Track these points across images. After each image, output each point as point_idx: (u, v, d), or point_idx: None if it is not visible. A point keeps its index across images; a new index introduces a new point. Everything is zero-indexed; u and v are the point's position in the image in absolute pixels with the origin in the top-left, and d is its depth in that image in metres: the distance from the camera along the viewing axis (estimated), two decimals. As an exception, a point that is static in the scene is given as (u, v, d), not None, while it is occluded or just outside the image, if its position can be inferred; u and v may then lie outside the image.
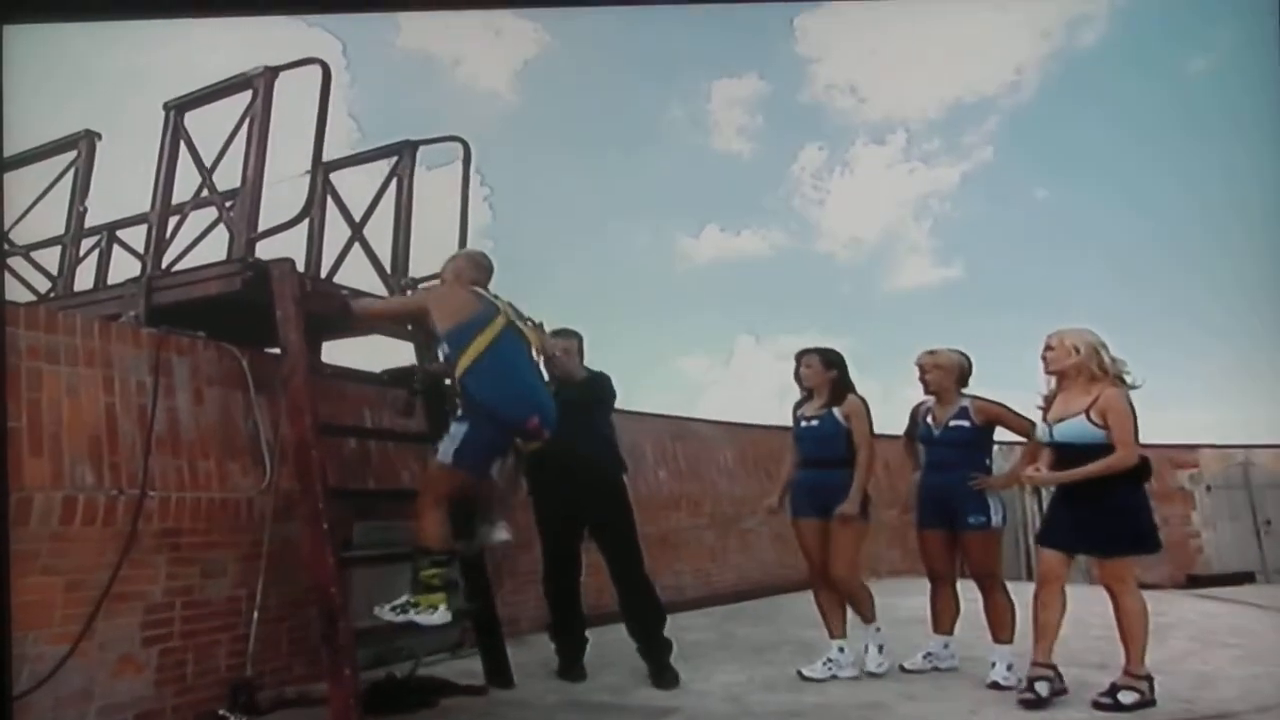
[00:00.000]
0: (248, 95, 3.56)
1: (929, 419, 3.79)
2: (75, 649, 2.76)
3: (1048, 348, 3.38)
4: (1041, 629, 3.27)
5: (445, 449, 3.08)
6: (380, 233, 4.08)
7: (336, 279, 3.91)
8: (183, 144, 3.73)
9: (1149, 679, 3.19)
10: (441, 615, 3.04)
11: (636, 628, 3.76)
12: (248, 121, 3.54)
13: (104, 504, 2.92)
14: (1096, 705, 3.15)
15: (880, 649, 3.79)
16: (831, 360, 3.84)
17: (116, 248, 4.25)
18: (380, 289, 3.91)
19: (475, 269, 3.32)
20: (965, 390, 3.77)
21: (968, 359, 3.80)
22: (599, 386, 3.89)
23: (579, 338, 3.94)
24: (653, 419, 5.35)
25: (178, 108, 3.75)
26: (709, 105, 10.87)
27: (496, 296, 3.23)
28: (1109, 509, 3.18)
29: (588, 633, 3.90)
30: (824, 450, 3.75)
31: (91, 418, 3.00)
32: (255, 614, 3.23)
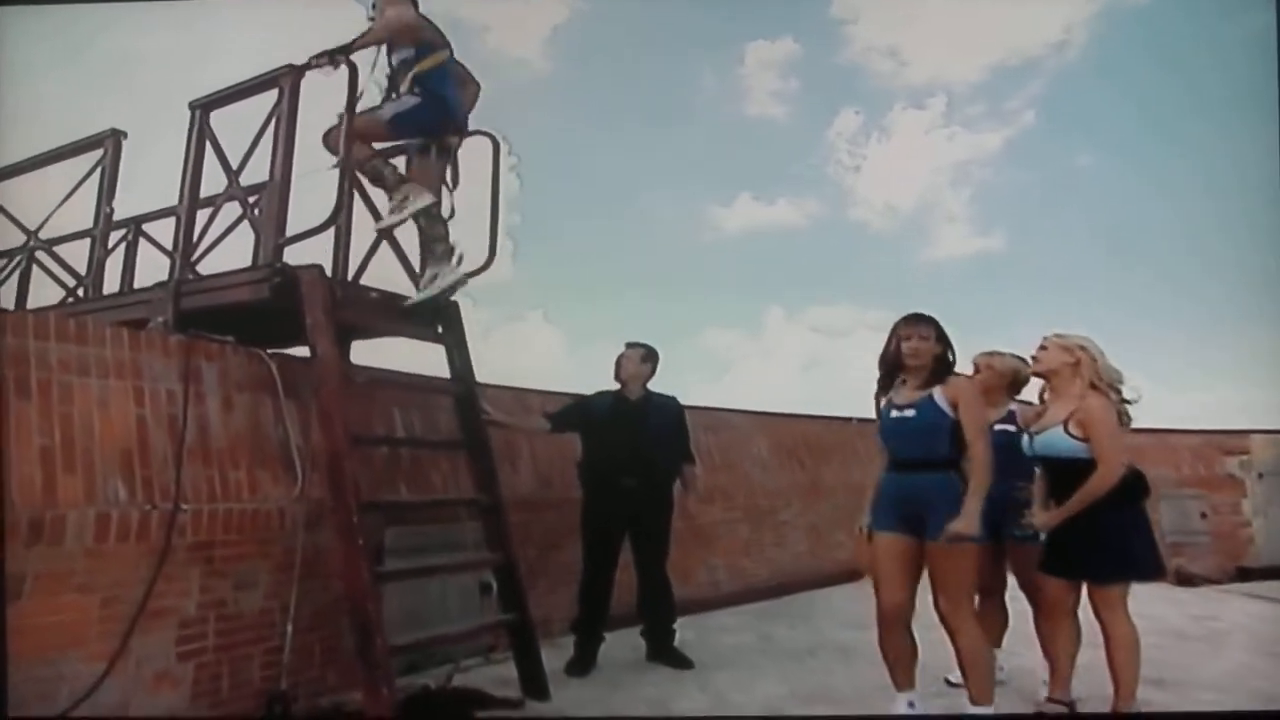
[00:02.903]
0: (273, 93, 3.47)
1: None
2: (112, 667, 2.75)
3: (1040, 348, 3.17)
4: (1052, 661, 3.12)
5: (389, 110, 3.58)
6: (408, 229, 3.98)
7: (364, 279, 3.84)
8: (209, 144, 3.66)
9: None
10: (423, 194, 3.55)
11: (648, 616, 3.96)
12: (274, 121, 3.44)
13: (137, 519, 2.89)
14: None
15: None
16: (939, 333, 3.00)
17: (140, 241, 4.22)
18: (410, 289, 3.82)
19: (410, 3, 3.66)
20: (1017, 398, 3.60)
21: (1025, 366, 3.63)
22: (655, 408, 3.90)
23: (651, 354, 3.95)
24: (686, 410, 5.19)
25: (203, 107, 3.67)
26: (742, 69, 10.52)
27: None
28: (1094, 531, 2.96)
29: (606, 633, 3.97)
30: (922, 448, 2.92)
31: (123, 430, 2.97)
32: (289, 626, 3.21)
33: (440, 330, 3.72)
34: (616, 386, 3.98)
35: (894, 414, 3.01)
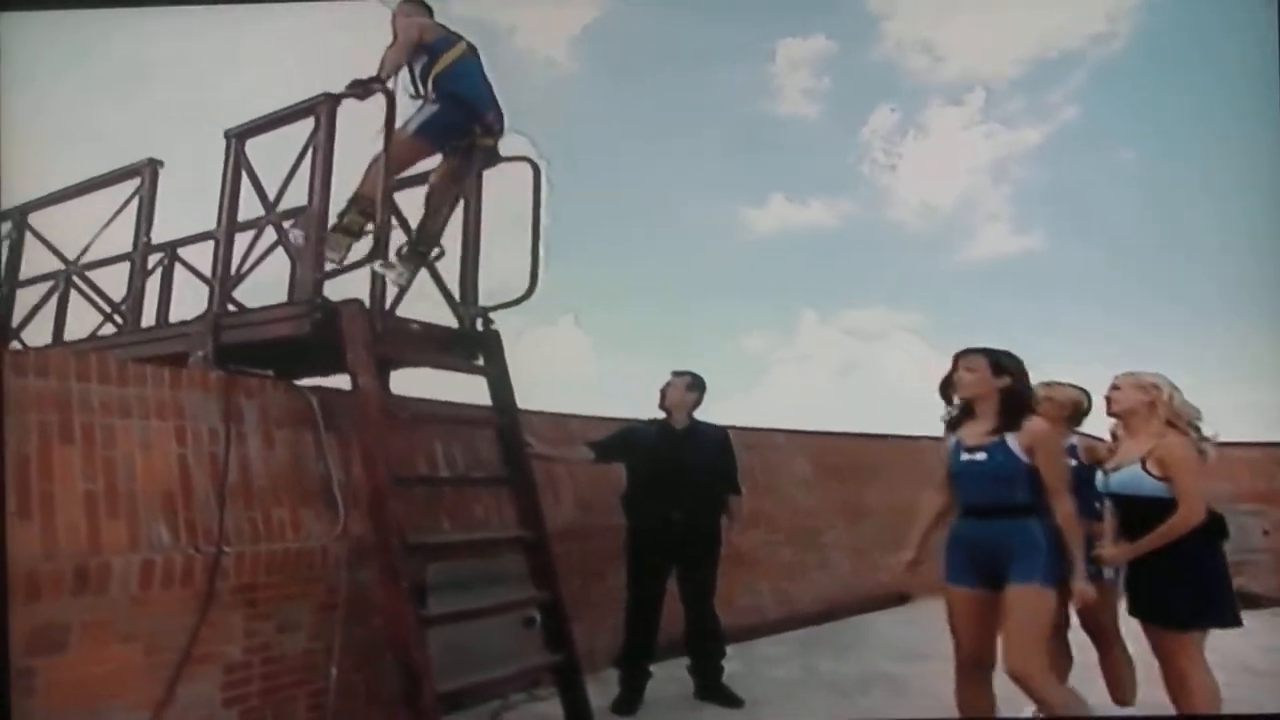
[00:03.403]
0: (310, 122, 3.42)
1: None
2: (157, 717, 2.71)
3: (1113, 388, 3.02)
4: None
5: (412, 122, 3.56)
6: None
7: (402, 308, 3.78)
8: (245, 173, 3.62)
9: None
10: (344, 255, 3.42)
11: (695, 652, 3.86)
12: (310, 151, 3.39)
13: (181, 564, 2.85)
14: None
15: None
16: (1004, 364, 2.83)
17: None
18: (449, 319, 3.75)
19: (419, 8, 3.73)
20: (1077, 429, 3.45)
21: (1087, 398, 3.47)
22: (701, 438, 3.81)
23: (697, 382, 3.87)
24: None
25: (239, 136, 3.62)
26: (773, 67, 10.33)
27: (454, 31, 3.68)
28: (1174, 573, 2.80)
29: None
30: (995, 494, 2.76)
31: (165, 472, 2.93)
32: (334, 669, 3.15)
33: (482, 361, 3.64)
34: (661, 415, 3.88)
35: (963, 456, 2.83)
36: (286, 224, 3.57)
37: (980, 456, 2.78)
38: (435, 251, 3.71)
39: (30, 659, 2.51)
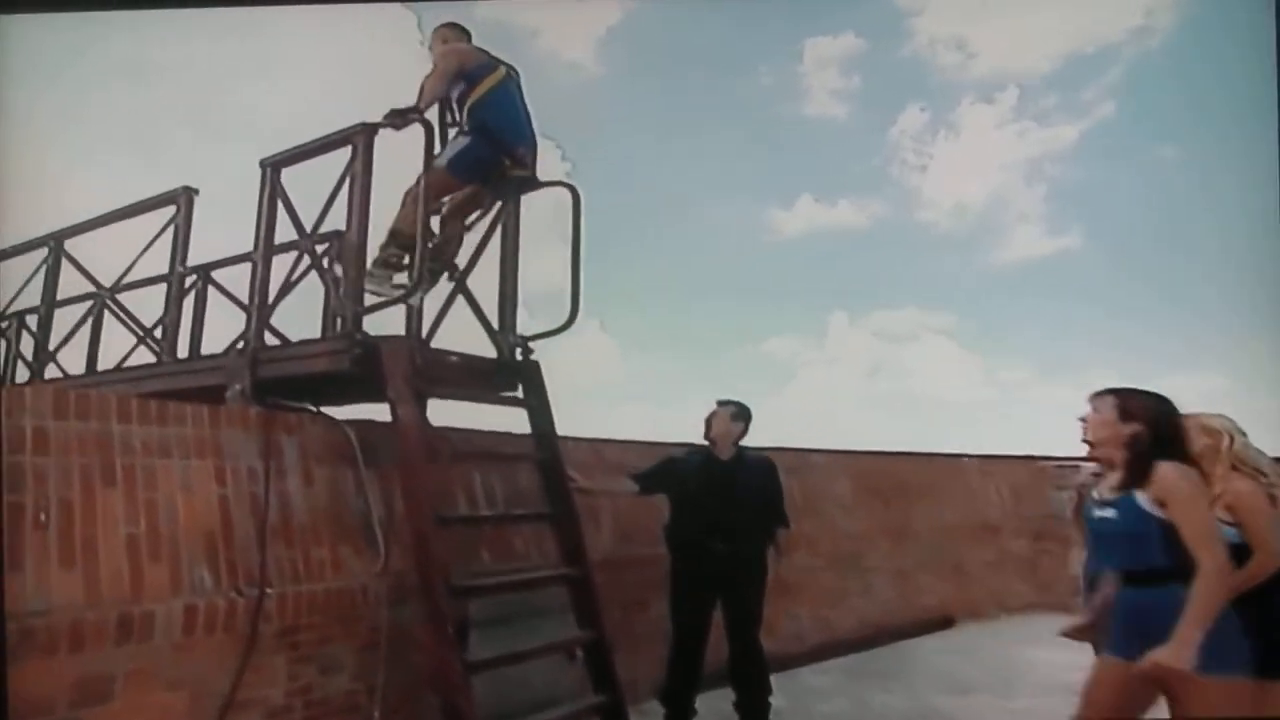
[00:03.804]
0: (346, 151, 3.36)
1: (1095, 494, 3.33)
2: (201, 766, 2.65)
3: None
4: None
5: (444, 156, 3.52)
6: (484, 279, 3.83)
7: (439, 335, 3.71)
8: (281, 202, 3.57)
9: None
10: (394, 289, 3.42)
11: (741, 688, 3.74)
12: (348, 181, 3.33)
13: (224, 608, 2.80)
14: None
15: None
16: (1132, 408, 2.48)
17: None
18: (487, 348, 3.68)
19: (458, 33, 3.71)
20: None
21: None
22: (747, 468, 3.69)
23: (743, 411, 3.77)
24: (767, 452, 4.98)
25: (274, 165, 3.58)
26: (800, 66, 10.16)
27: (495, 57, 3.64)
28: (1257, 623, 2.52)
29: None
30: (1130, 557, 2.46)
31: (206, 513, 2.89)
32: (376, 711, 3.08)
33: (522, 392, 3.57)
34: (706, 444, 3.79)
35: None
36: (320, 248, 3.55)
37: (1110, 513, 2.50)
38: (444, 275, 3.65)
39: (75, 711, 2.46)
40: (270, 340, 3.57)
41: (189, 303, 4.21)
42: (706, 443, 3.77)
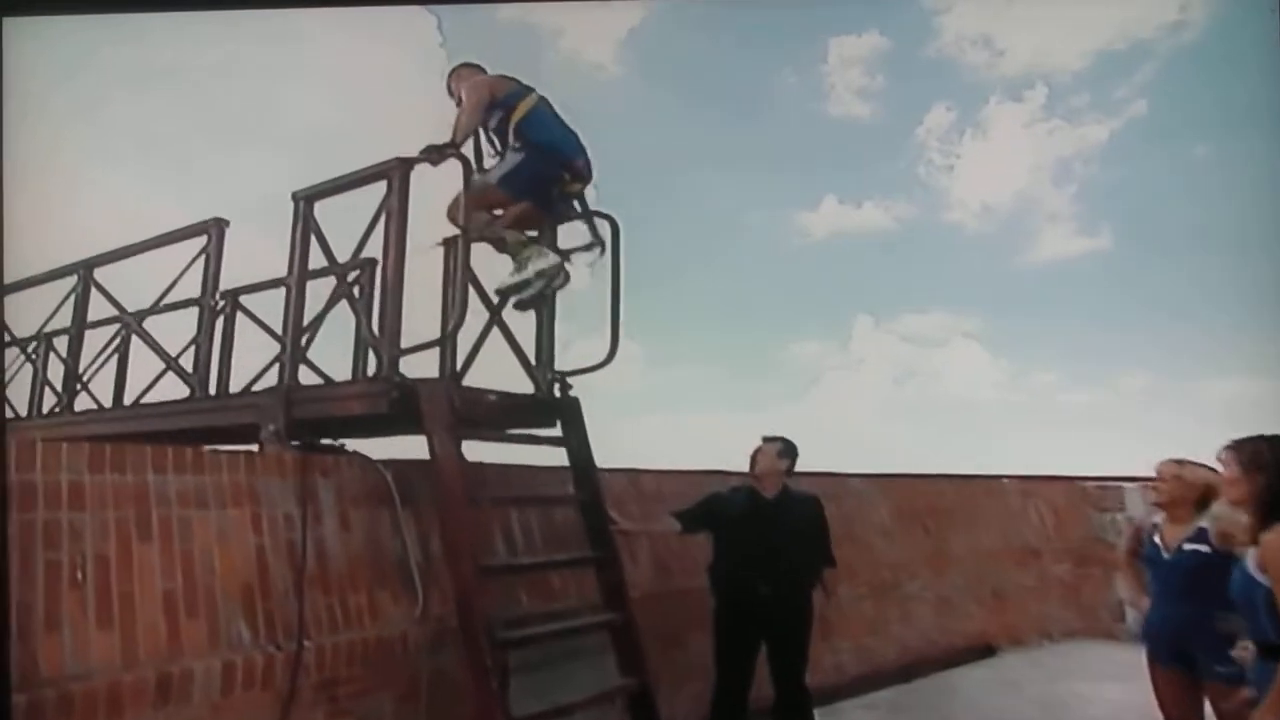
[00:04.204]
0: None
1: (1157, 538, 3.18)
2: (242, 829, 2.58)
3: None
4: None
5: (496, 172, 3.49)
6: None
7: (474, 370, 3.63)
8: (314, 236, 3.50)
9: None
10: (547, 256, 3.47)
11: None
12: (384, 217, 3.25)
13: (262, 663, 2.72)
14: None
15: None
16: (1261, 458, 2.38)
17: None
18: (524, 384, 3.59)
19: (477, 70, 3.64)
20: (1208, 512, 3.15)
21: (1219, 476, 3.17)
22: (792, 507, 3.58)
23: (789, 449, 3.65)
24: (804, 478, 4.87)
25: (307, 199, 3.50)
26: (825, 66, 9.96)
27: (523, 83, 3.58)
28: None
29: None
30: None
31: (243, 563, 2.82)
32: (418, 766, 3.00)
33: (561, 429, 3.47)
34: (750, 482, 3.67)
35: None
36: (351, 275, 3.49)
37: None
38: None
39: (114, 776, 2.40)
40: (303, 369, 3.51)
41: (217, 325, 4.17)
42: (752, 480, 3.66)
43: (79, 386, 4.65)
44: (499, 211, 3.58)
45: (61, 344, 5.05)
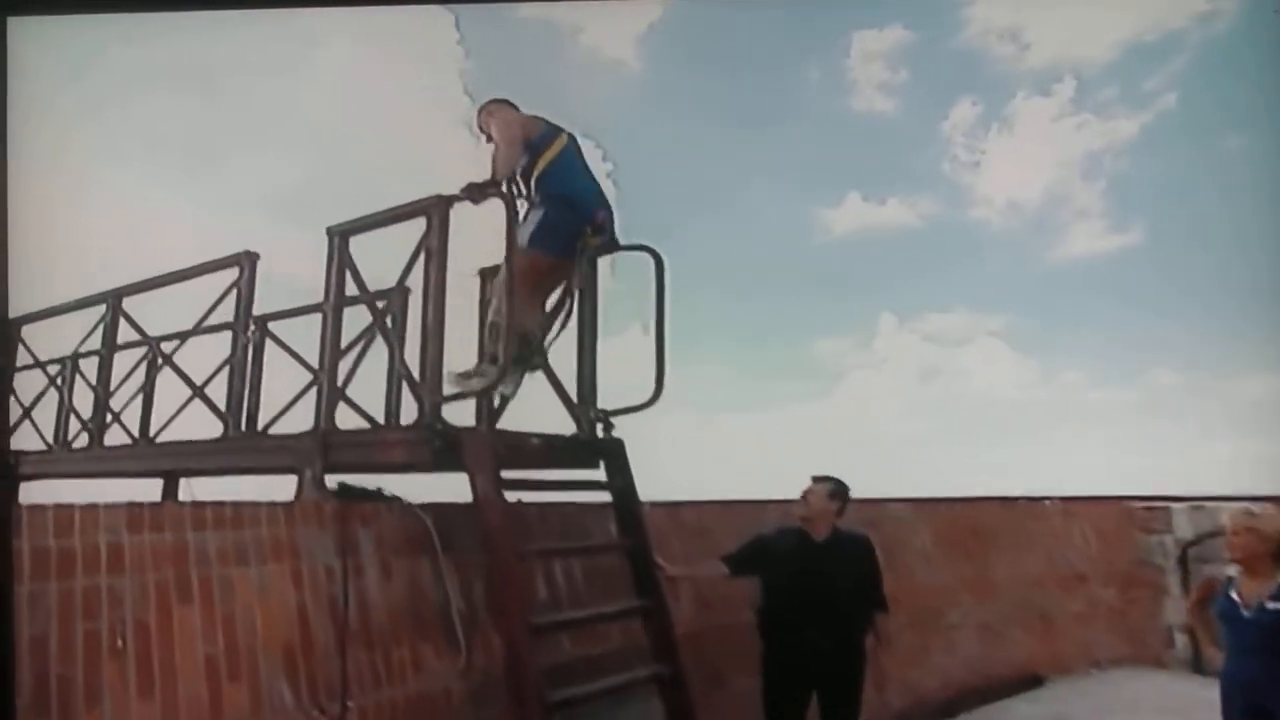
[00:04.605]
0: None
1: (1234, 593, 3.04)
2: None
3: None
4: None
5: (523, 235, 3.31)
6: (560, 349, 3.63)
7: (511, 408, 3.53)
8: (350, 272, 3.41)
9: None
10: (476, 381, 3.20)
11: None
12: (423, 255, 3.14)
13: (305, 729, 2.63)
14: None
15: None
16: None
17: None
18: (567, 424, 3.48)
19: (507, 106, 3.52)
20: None
21: None
22: (843, 550, 3.45)
23: (840, 489, 3.50)
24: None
25: (342, 234, 3.41)
26: (847, 60, 9.74)
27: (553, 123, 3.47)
28: None
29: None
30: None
31: (284, 622, 2.73)
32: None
33: (605, 471, 3.37)
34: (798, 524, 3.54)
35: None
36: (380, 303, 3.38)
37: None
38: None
39: None
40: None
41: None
42: (801, 522, 3.53)
43: (109, 419, 4.58)
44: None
45: (87, 366, 5.02)
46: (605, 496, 3.45)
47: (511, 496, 3.33)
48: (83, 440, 4.89)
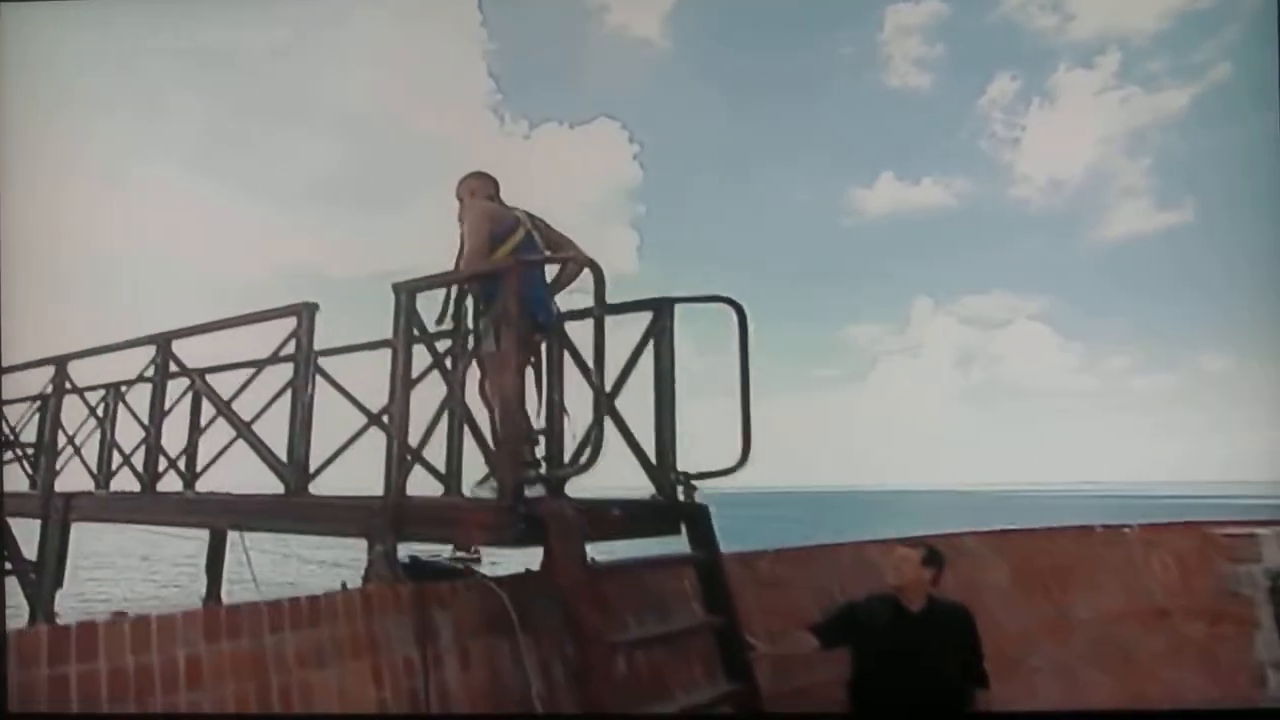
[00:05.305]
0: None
1: None
2: None
3: None
4: None
5: (488, 341, 3.23)
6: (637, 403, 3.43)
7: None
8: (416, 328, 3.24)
9: None
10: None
11: None
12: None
13: None
14: None
15: None
16: None
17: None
18: (646, 487, 3.30)
19: (486, 184, 3.54)
20: None
21: None
22: (940, 621, 3.23)
23: (934, 556, 3.29)
24: (873, 496, 4.45)
25: (409, 291, 3.23)
26: (880, 35, 9.30)
27: (515, 209, 3.49)
28: None
29: None
30: None
31: (366, 724, 2.59)
32: None
33: (687, 538, 3.19)
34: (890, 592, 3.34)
35: None
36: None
37: None
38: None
39: None
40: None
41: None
42: (893, 590, 3.33)
43: (162, 468, 4.47)
44: None
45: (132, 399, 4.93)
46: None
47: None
48: (127, 481, 4.82)
